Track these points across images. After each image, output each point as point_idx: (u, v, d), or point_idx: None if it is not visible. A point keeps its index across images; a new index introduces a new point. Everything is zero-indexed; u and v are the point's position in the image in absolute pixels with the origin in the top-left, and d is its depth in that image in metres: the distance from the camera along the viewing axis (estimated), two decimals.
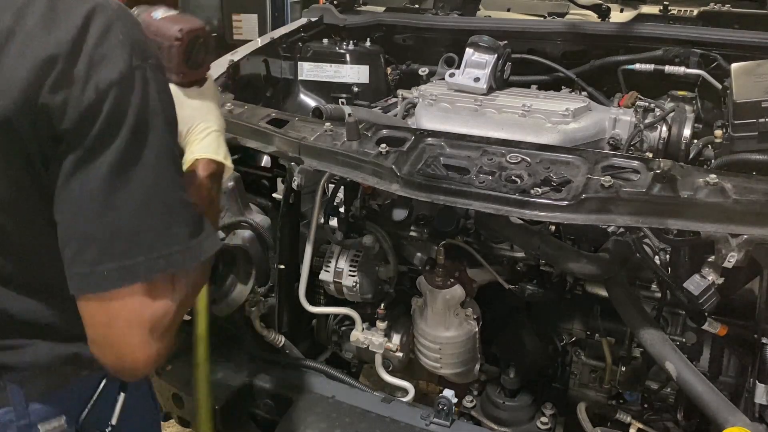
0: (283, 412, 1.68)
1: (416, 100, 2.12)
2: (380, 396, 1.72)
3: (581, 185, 1.35)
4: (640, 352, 1.79)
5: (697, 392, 1.40)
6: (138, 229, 0.89)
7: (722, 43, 2.05)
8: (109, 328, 0.91)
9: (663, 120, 1.95)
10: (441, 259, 1.73)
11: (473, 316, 1.80)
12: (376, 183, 1.54)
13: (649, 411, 1.83)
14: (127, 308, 0.90)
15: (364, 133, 1.62)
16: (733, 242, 1.27)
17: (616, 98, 2.13)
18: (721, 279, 1.37)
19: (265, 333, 1.93)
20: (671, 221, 1.30)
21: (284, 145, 1.69)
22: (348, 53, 2.48)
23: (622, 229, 1.68)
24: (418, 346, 1.89)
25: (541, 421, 1.93)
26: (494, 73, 2.03)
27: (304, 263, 1.87)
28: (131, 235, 0.88)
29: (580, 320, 1.90)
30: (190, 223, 0.94)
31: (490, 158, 1.50)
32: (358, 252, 1.90)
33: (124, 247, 0.88)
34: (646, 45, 2.16)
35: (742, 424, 1.31)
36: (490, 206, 1.40)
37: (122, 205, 0.87)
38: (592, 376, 1.92)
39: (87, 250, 0.88)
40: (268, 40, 2.47)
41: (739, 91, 1.58)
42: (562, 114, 1.85)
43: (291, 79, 2.52)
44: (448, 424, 1.57)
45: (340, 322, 2.11)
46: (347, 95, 2.45)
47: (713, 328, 1.52)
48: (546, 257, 1.64)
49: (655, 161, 1.34)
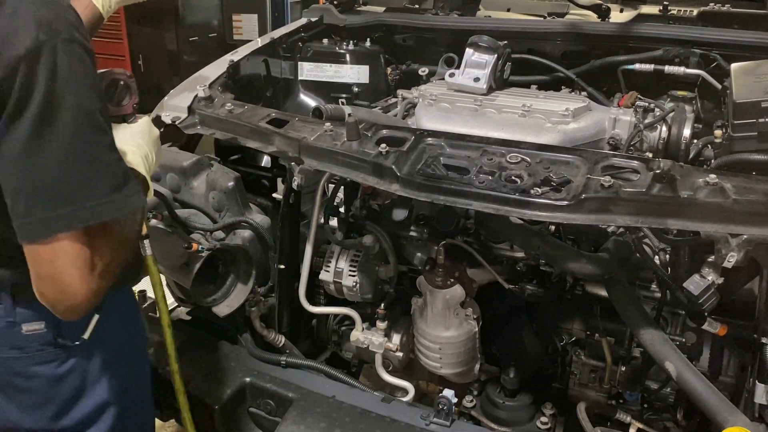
0: (283, 412, 1.68)
1: (416, 100, 2.12)
2: (380, 396, 1.72)
3: (581, 185, 1.35)
4: (640, 352, 1.79)
5: (697, 392, 1.40)
6: (58, 183, 1.02)
7: (722, 43, 2.05)
8: (50, 268, 1.04)
9: (663, 120, 1.95)
10: (441, 259, 1.73)
11: (473, 316, 1.80)
12: (376, 183, 1.54)
13: (649, 411, 1.83)
14: (62, 252, 1.03)
15: (364, 133, 1.62)
16: (732, 242, 1.27)
17: (616, 98, 2.13)
18: (721, 279, 1.37)
19: (265, 333, 1.93)
20: (671, 221, 1.30)
21: (284, 145, 1.69)
22: (348, 53, 2.49)
23: (622, 229, 1.68)
24: (418, 346, 1.89)
25: (541, 421, 1.93)
26: (494, 73, 2.03)
27: (304, 263, 1.87)
28: (53, 189, 1.02)
29: (580, 320, 1.90)
30: (112, 179, 1.07)
31: (490, 158, 1.50)
32: (358, 252, 1.90)
33: (47, 200, 1.01)
34: (646, 45, 2.16)
35: (742, 424, 1.30)
36: (490, 206, 1.40)
37: (42, 162, 1.00)
38: (592, 376, 1.92)
39: (18, 204, 1.02)
40: (268, 40, 2.47)
41: (739, 91, 1.58)
42: (562, 114, 1.85)
43: (291, 79, 2.52)
44: (448, 424, 1.57)
45: (340, 322, 2.11)
46: (347, 95, 2.45)
47: (713, 328, 1.52)
48: (546, 257, 1.64)
49: (655, 161, 1.34)
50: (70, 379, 1.31)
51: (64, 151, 1.01)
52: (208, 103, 1.93)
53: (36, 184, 1.01)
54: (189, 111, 1.95)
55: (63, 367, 1.29)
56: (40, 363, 1.26)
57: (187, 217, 1.84)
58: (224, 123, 1.86)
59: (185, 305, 2.05)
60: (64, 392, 1.31)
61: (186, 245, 1.66)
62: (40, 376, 1.28)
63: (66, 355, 1.28)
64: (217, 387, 1.76)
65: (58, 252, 1.03)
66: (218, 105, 1.91)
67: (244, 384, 1.77)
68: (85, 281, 1.05)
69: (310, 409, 1.66)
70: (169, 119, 1.96)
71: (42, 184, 1.01)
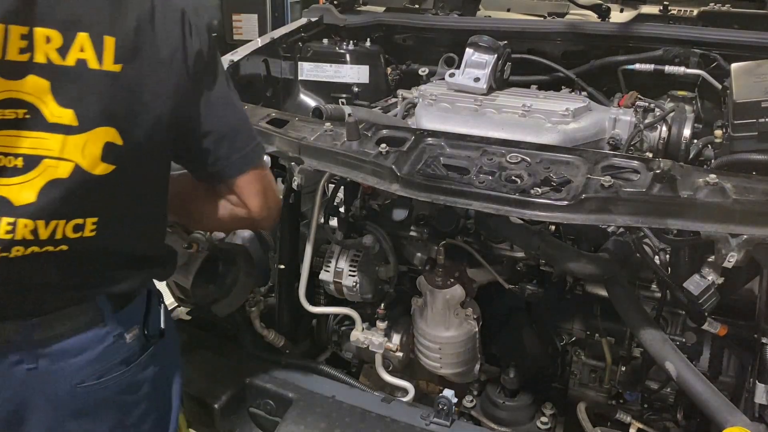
0: (283, 412, 1.68)
1: (416, 100, 2.12)
2: (380, 396, 1.72)
3: (581, 185, 1.35)
4: (640, 352, 1.79)
5: (697, 392, 1.40)
6: (247, 122, 1.34)
7: (722, 43, 2.05)
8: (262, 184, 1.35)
9: (663, 120, 1.95)
10: (441, 259, 1.73)
11: (473, 316, 1.80)
12: (376, 183, 1.54)
13: (649, 411, 1.83)
14: (266, 173, 1.37)
15: (364, 133, 1.62)
16: (733, 242, 1.27)
17: (616, 98, 2.13)
18: (721, 279, 1.37)
19: (265, 333, 1.93)
20: (671, 221, 1.30)
21: (284, 145, 1.69)
22: (348, 53, 2.49)
23: (622, 229, 1.68)
24: (418, 346, 1.89)
25: (541, 421, 1.93)
26: (494, 73, 2.03)
27: (304, 263, 1.86)
28: (249, 126, 1.34)
29: (580, 320, 1.90)
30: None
31: (490, 158, 1.50)
32: (358, 252, 1.90)
33: (250, 135, 1.32)
34: (646, 45, 2.16)
35: (742, 424, 1.30)
36: (490, 206, 1.40)
37: (239, 105, 1.32)
38: (592, 376, 1.92)
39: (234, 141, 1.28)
40: (268, 40, 2.47)
41: (739, 91, 1.58)
42: (562, 114, 1.85)
43: (291, 79, 2.52)
44: (448, 424, 1.57)
45: (340, 322, 2.11)
46: (347, 95, 2.45)
47: (713, 328, 1.52)
48: (546, 257, 1.64)
49: (655, 161, 1.34)
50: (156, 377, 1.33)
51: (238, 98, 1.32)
52: None
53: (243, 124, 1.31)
54: None
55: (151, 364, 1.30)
56: (144, 368, 1.27)
57: None
58: None
59: (185, 305, 2.05)
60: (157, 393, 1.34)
61: (186, 245, 1.66)
62: (146, 382, 1.28)
63: (150, 352, 1.29)
64: (217, 387, 1.76)
65: (264, 172, 1.35)
66: None
67: (244, 384, 1.77)
68: (277, 193, 1.41)
69: (310, 409, 1.65)
70: None
71: (245, 125, 1.32)
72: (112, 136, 1.08)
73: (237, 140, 1.28)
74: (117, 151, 1.08)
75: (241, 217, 1.37)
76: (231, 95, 1.29)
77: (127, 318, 1.23)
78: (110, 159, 1.08)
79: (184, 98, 1.18)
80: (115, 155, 1.08)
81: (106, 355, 1.20)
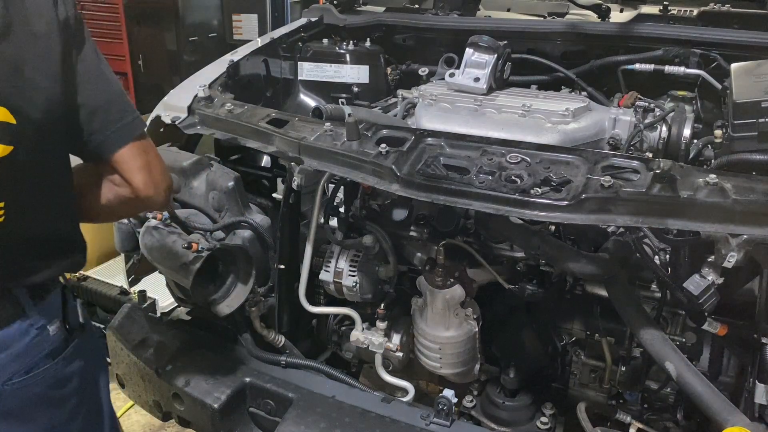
0: (283, 412, 1.68)
1: (416, 100, 2.12)
2: (380, 396, 1.72)
3: (581, 185, 1.35)
4: (640, 352, 1.79)
5: (697, 392, 1.40)
6: (123, 95, 1.26)
7: (722, 43, 2.05)
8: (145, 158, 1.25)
9: (663, 120, 1.95)
10: (441, 259, 1.73)
11: (473, 316, 1.80)
12: (376, 183, 1.54)
13: (649, 411, 1.83)
14: (149, 145, 1.27)
15: (364, 133, 1.62)
16: (733, 242, 1.27)
17: (616, 98, 2.13)
18: (721, 279, 1.37)
19: (265, 333, 1.93)
20: (671, 221, 1.30)
21: (284, 145, 1.69)
22: (348, 53, 2.49)
23: (622, 229, 1.68)
24: (418, 346, 1.89)
25: (541, 421, 1.93)
26: (494, 73, 2.03)
27: (304, 263, 1.86)
28: (125, 99, 1.25)
29: (580, 320, 1.90)
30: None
31: (490, 158, 1.50)
32: (358, 252, 1.90)
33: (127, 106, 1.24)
34: (646, 45, 2.16)
35: (742, 424, 1.30)
36: (490, 206, 1.40)
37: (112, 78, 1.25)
38: (592, 376, 1.92)
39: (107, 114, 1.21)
40: (268, 40, 2.47)
41: (739, 91, 1.58)
42: (562, 114, 1.85)
43: (291, 79, 2.52)
44: (448, 424, 1.57)
45: (340, 322, 2.11)
46: (347, 95, 2.45)
47: (713, 328, 1.52)
48: (546, 257, 1.64)
49: (655, 161, 1.34)
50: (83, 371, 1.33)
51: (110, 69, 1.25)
52: (208, 103, 1.93)
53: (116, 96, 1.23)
54: (189, 111, 1.94)
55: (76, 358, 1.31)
56: (70, 362, 1.28)
57: (187, 217, 1.83)
58: (224, 123, 1.86)
59: (185, 305, 2.05)
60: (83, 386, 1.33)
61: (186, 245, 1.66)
62: (74, 376, 1.29)
63: (74, 345, 1.30)
64: (217, 387, 1.76)
65: (147, 144, 1.27)
66: (218, 105, 1.91)
67: (244, 384, 1.77)
68: (165, 169, 1.30)
69: (310, 409, 1.65)
70: (168, 119, 1.96)
71: (119, 97, 1.24)
72: (3, 115, 1.06)
73: (111, 113, 1.21)
74: (11, 130, 1.07)
75: (127, 197, 1.27)
76: (101, 66, 1.22)
77: (47, 311, 1.23)
78: (6, 140, 1.07)
79: (64, 71, 1.14)
80: (10, 135, 1.07)
81: (32, 348, 1.20)
